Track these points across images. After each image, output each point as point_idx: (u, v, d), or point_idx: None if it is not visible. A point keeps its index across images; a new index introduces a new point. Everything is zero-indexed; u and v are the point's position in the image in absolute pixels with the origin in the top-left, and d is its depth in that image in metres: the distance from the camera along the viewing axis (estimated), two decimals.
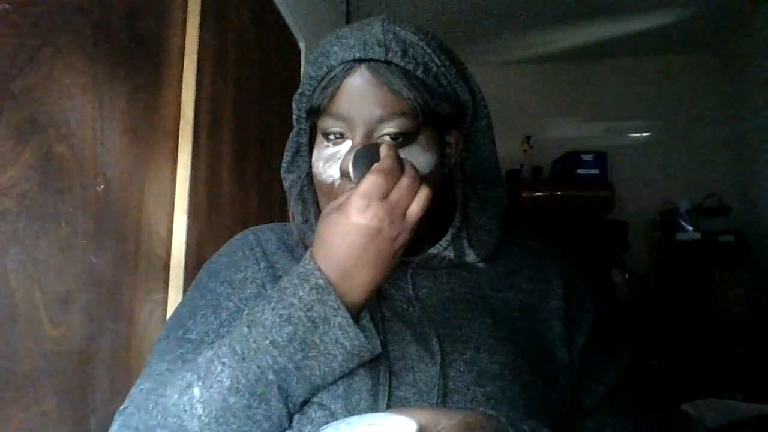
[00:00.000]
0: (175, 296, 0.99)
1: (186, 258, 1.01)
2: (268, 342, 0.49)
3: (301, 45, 1.92)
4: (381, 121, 0.55)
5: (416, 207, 0.50)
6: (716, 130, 3.46)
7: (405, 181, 0.50)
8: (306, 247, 0.63)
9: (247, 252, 0.65)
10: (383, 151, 0.52)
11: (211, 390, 0.49)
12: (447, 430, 0.42)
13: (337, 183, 0.57)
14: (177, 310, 0.66)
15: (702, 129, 3.48)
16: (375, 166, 0.50)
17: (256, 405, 0.49)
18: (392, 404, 0.52)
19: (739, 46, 3.31)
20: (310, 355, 0.49)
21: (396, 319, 0.57)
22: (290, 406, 0.51)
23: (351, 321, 0.48)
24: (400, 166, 0.51)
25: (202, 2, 1.11)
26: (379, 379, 0.53)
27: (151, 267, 0.95)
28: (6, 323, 0.62)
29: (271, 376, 0.49)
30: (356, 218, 0.48)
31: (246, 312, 0.53)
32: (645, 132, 3.61)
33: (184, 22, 1.08)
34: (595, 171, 3.19)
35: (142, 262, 0.92)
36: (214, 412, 0.49)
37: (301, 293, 0.49)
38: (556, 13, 3.08)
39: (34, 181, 0.67)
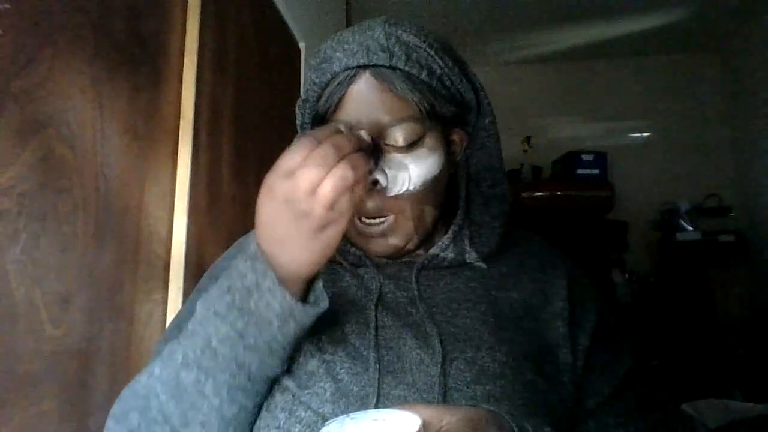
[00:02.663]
0: (175, 296, 0.98)
1: (186, 258, 1.01)
2: (211, 313, 0.50)
3: (301, 45, 1.91)
4: (388, 126, 0.55)
5: (328, 184, 0.44)
6: (716, 130, 3.46)
7: (313, 157, 0.44)
8: None
9: None
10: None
11: (168, 369, 0.52)
12: (451, 426, 0.42)
13: None
14: (177, 313, 0.67)
15: (702, 129, 3.48)
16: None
17: (204, 379, 0.50)
18: (391, 404, 0.51)
19: (740, 45, 3.31)
20: (249, 321, 0.49)
21: (398, 322, 0.58)
22: (245, 379, 0.51)
23: (277, 283, 0.47)
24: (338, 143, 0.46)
25: (202, 2, 1.11)
26: (370, 382, 0.53)
27: (151, 267, 0.94)
28: (6, 323, 0.62)
29: (215, 345, 0.49)
30: (263, 196, 0.48)
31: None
32: (645, 132, 3.61)
33: (184, 22, 1.08)
34: (595, 171, 3.20)
35: (142, 262, 0.91)
36: (170, 389, 0.51)
37: (239, 264, 0.50)
38: (556, 13, 3.09)
39: (34, 181, 0.67)
